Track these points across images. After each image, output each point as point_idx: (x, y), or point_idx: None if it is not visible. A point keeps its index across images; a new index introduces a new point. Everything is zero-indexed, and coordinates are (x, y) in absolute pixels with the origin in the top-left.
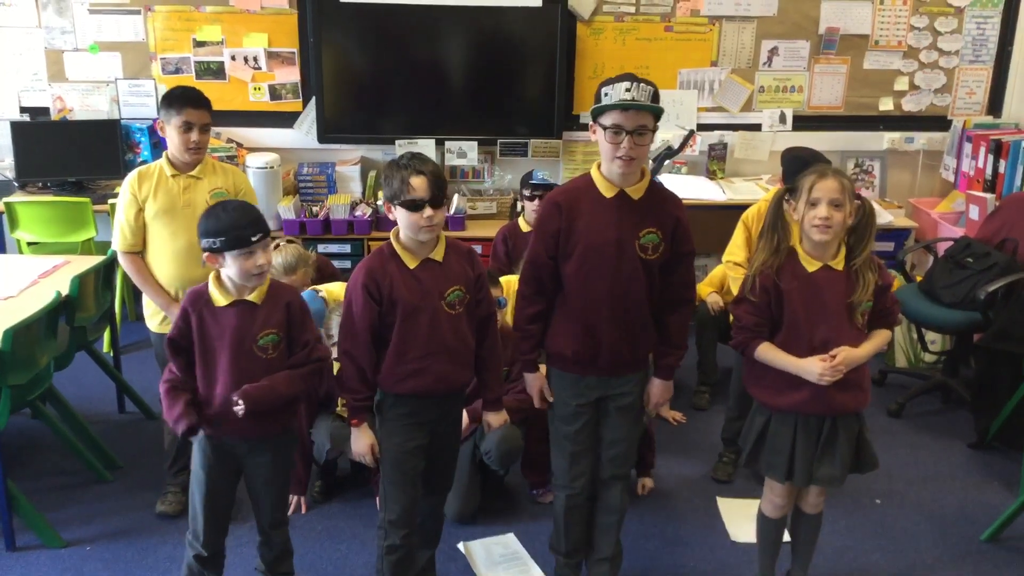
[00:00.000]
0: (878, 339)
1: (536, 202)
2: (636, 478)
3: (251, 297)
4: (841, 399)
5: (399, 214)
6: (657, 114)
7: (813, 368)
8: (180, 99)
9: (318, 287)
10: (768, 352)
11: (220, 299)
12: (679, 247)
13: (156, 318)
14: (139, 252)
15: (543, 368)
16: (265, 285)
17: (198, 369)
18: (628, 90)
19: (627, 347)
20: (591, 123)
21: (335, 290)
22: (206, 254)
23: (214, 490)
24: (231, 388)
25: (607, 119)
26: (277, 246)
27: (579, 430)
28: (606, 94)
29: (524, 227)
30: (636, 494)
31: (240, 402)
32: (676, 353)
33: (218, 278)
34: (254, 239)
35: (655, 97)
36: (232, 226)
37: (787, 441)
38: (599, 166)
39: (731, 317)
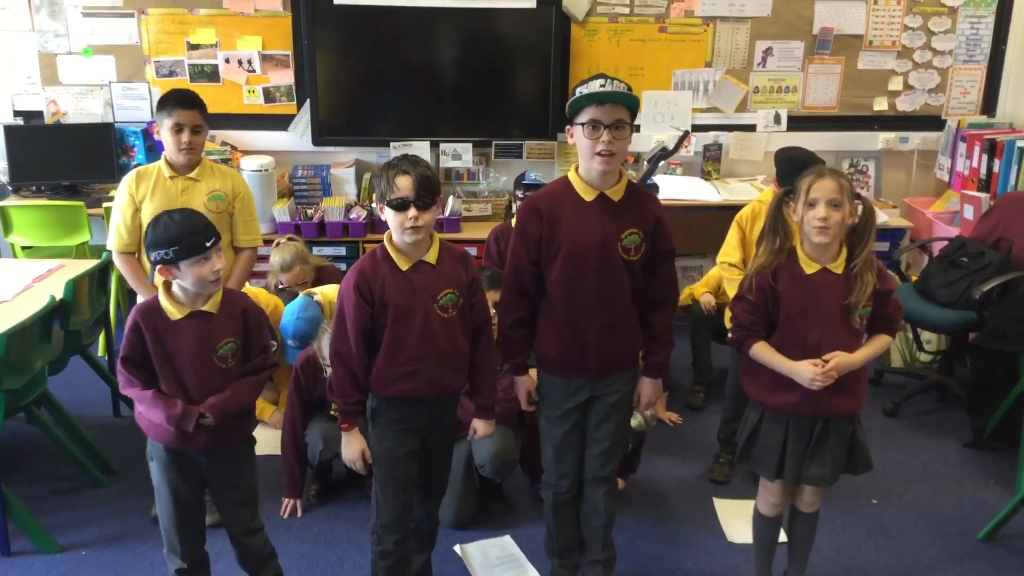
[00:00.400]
0: (876, 344)
1: None
2: None
3: (207, 307)
4: (833, 403)
5: (388, 214)
6: (633, 109)
7: (804, 372)
8: (170, 101)
9: (313, 290)
10: (763, 352)
11: (175, 312)
12: (660, 246)
13: None
14: (134, 252)
15: (533, 373)
16: (219, 293)
17: (163, 384)
18: (603, 85)
19: (614, 348)
20: (568, 127)
21: (330, 293)
22: (158, 267)
23: (181, 504)
24: (196, 400)
25: (584, 116)
26: (277, 244)
27: (568, 432)
28: (580, 92)
29: None
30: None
31: (209, 415)
32: (663, 351)
33: (168, 291)
34: (208, 244)
35: (629, 93)
36: (184, 233)
37: (778, 440)
38: (576, 169)
39: (727, 316)
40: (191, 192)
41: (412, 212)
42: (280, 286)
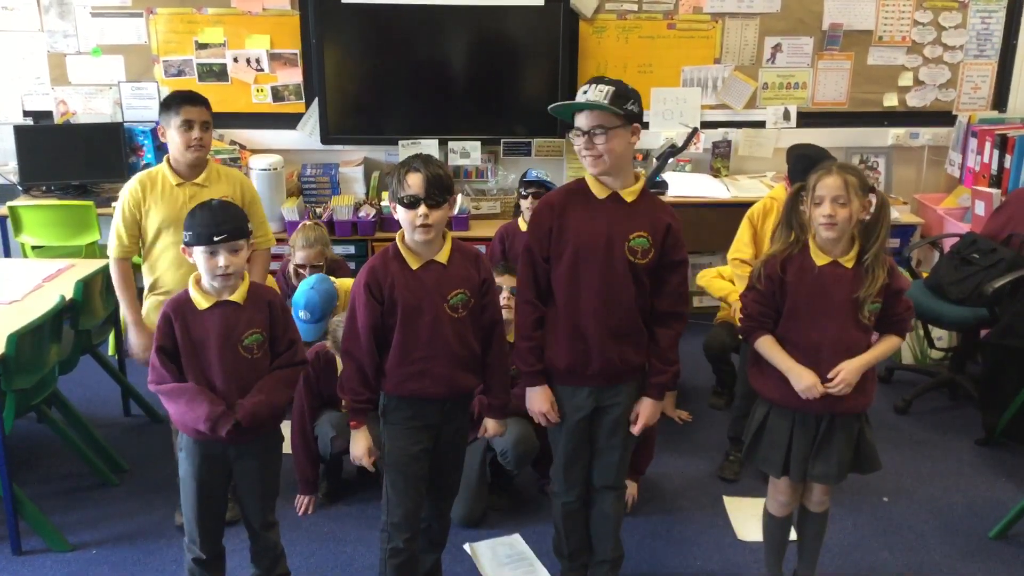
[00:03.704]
0: (885, 345)
1: (530, 200)
2: None
3: (233, 297)
4: (840, 398)
5: (399, 212)
6: (615, 112)
7: (800, 380)
8: (177, 99)
9: (330, 277)
10: (767, 346)
11: (202, 302)
12: (669, 255)
13: None
14: (130, 259)
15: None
16: (245, 285)
17: (188, 375)
18: (584, 92)
19: (617, 354)
20: (568, 133)
21: (347, 283)
22: (182, 246)
23: (205, 495)
24: (224, 390)
25: (575, 121)
26: (304, 225)
27: (576, 444)
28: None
29: (523, 226)
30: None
31: (240, 418)
32: (668, 371)
33: (197, 283)
34: (216, 239)
35: (616, 97)
36: (200, 223)
37: (784, 436)
38: None
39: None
40: (199, 199)
41: (422, 210)
42: (298, 265)
